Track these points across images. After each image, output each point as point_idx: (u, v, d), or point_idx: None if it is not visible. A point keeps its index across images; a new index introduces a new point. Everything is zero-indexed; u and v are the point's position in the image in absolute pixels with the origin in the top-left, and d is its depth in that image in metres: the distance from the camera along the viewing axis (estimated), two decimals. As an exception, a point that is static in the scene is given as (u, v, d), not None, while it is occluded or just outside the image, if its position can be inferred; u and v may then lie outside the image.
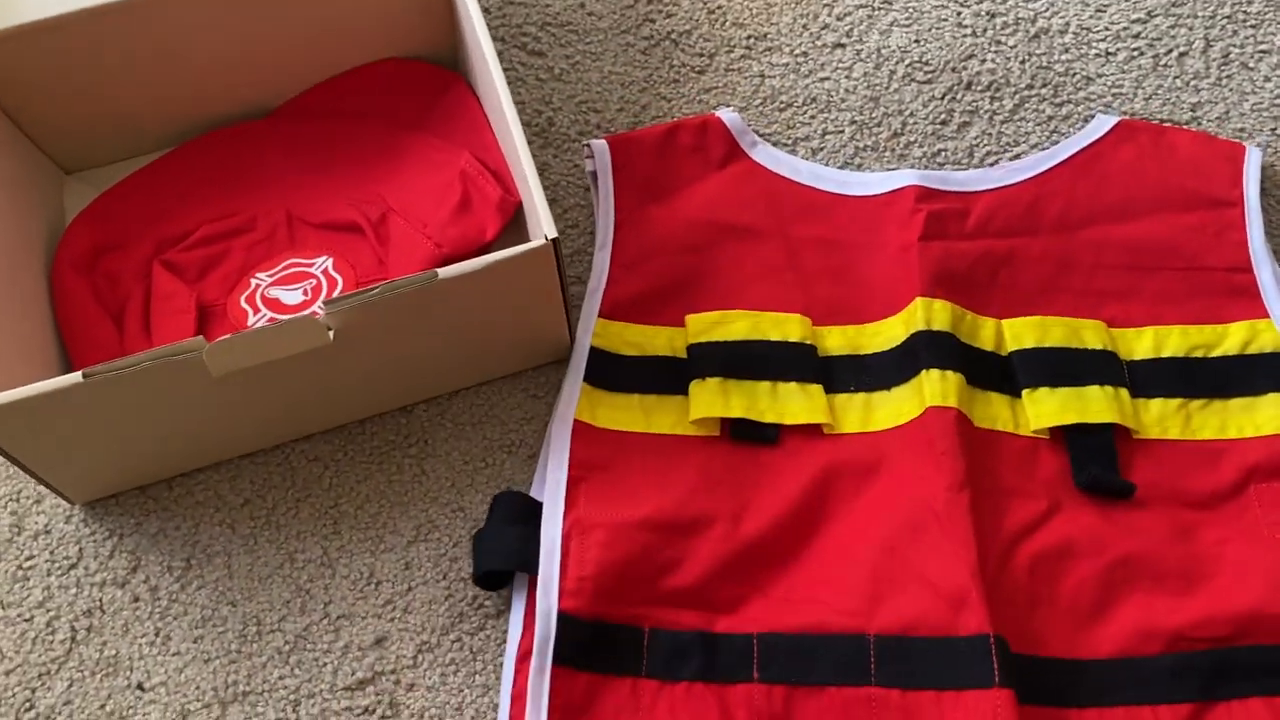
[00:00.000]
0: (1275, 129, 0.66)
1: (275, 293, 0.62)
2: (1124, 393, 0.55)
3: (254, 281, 0.62)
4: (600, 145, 0.64)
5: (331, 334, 0.50)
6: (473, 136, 0.64)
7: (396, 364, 0.55)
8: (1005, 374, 0.57)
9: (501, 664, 0.53)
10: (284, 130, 0.67)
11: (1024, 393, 0.56)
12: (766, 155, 0.65)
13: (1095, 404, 0.55)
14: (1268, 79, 0.67)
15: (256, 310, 0.61)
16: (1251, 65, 0.68)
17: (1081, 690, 0.49)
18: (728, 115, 0.66)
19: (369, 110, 0.67)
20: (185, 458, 0.57)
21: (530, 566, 0.51)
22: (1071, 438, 0.54)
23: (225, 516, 0.57)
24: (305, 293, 0.62)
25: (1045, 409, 0.55)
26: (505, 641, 0.53)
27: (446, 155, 0.63)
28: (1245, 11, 0.69)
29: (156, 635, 0.54)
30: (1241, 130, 0.66)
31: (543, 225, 0.51)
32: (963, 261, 0.59)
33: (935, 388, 0.55)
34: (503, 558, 0.52)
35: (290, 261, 0.63)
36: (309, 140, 0.66)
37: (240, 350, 0.49)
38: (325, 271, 0.62)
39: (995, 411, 0.55)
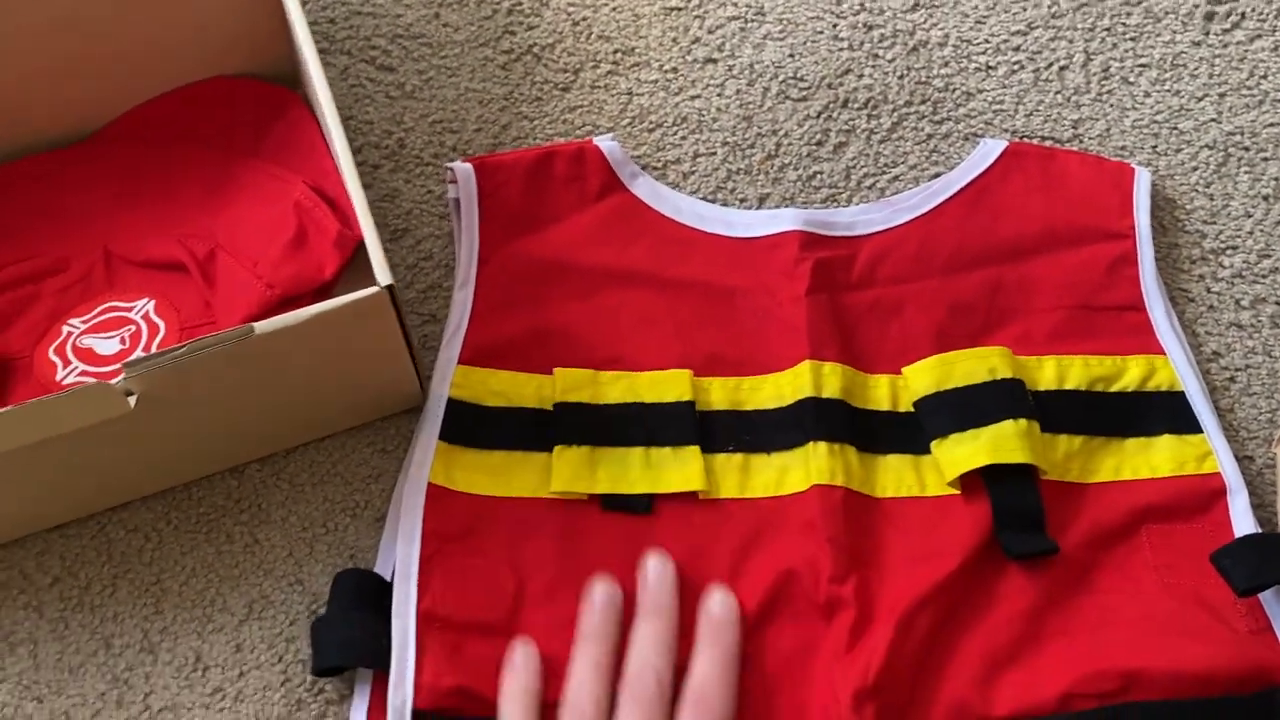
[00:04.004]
0: (1155, 145, 0.64)
1: (89, 342, 0.55)
2: (1035, 426, 0.52)
3: (66, 329, 0.56)
4: (465, 169, 0.59)
5: (133, 400, 0.44)
6: (311, 163, 0.58)
7: (219, 424, 0.50)
8: (906, 433, 0.53)
9: (344, 756, 0.48)
10: (101, 158, 0.60)
11: (933, 445, 0.52)
12: (647, 189, 0.60)
13: (1009, 442, 0.51)
14: (1147, 94, 0.65)
15: (68, 363, 0.55)
16: (1131, 80, 0.66)
17: None
18: (606, 144, 0.61)
19: (196, 135, 0.61)
20: (-18, 534, 0.51)
21: (380, 660, 0.46)
22: (994, 493, 0.50)
23: (31, 599, 0.51)
24: (123, 341, 0.55)
25: (956, 456, 0.51)
26: (349, 731, 0.48)
27: (280, 185, 0.57)
28: (1124, 24, 0.67)
29: (-52, 740, 0.48)
30: (1123, 149, 0.63)
31: (376, 271, 0.46)
32: (852, 314, 0.56)
33: (823, 463, 0.51)
34: (347, 652, 0.47)
35: (107, 305, 0.57)
36: (129, 169, 0.60)
37: (19, 425, 0.42)
38: (146, 316, 0.56)
39: (899, 478, 0.52)
